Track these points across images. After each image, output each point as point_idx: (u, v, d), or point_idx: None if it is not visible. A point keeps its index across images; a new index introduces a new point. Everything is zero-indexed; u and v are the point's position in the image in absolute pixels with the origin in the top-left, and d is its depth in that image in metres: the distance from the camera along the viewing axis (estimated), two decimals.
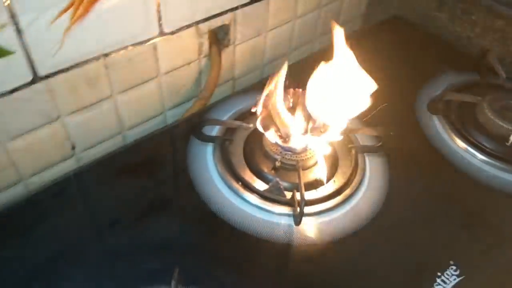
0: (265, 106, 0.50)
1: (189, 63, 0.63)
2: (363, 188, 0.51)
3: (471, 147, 0.56)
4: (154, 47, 0.56)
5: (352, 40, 0.67)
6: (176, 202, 0.50)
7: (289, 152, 0.50)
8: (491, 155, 0.55)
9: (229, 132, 0.55)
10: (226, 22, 0.63)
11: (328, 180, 0.51)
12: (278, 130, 0.49)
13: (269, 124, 0.48)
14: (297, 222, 0.44)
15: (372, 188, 0.51)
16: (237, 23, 0.65)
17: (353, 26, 0.91)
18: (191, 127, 0.55)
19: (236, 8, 0.63)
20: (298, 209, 0.45)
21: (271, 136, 0.48)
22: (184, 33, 0.59)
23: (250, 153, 0.53)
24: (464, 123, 0.59)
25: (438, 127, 0.59)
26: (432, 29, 0.80)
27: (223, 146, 0.53)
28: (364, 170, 0.53)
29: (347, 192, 0.50)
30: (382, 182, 0.52)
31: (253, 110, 0.49)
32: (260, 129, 0.48)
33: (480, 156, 0.55)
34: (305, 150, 0.50)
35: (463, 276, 0.43)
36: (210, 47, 0.64)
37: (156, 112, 0.64)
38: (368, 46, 0.77)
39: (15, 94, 0.46)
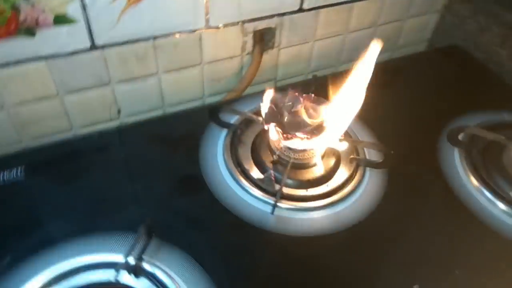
0: (274, 103, 0.54)
1: (231, 57, 0.69)
2: (352, 198, 0.53)
3: (484, 187, 0.54)
4: (200, 38, 0.64)
5: (413, 61, 0.68)
6: (179, 170, 0.56)
7: (289, 150, 0.53)
8: (505, 199, 0.52)
9: (246, 123, 0.61)
10: (272, 26, 0.69)
11: (322, 183, 0.53)
12: (281, 127, 0.53)
13: (273, 120, 0.52)
14: (272, 211, 0.48)
15: (362, 200, 0.53)
16: (283, 28, 0.70)
17: (415, 49, 0.90)
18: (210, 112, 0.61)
19: (284, 14, 0.68)
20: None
21: (272, 131, 0.52)
22: (229, 30, 0.65)
23: (257, 144, 0.58)
24: (485, 162, 0.57)
25: (456, 159, 0.58)
26: (490, 63, 0.77)
27: (235, 133, 0.58)
28: (360, 182, 0.54)
29: (334, 198, 0.52)
30: (374, 197, 0.53)
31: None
32: (264, 124, 0.52)
33: (490, 197, 0.53)
34: (304, 150, 0.53)
35: None
36: (254, 46, 0.69)
37: (196, 96, 0.72)
38: (423, 69, 0.77)
39: (74, 56, 0.57)
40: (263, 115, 0.52)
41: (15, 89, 0.56)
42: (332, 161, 0.56)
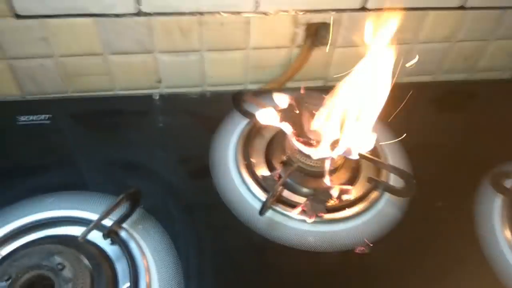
0: (298, 102, 0.50)
1: (279, 48, 0.66)
2: (354, 222, 0.48)
3: None
4: (247, 21, 0.62)
5: (490, 88, 0.60)
6: (193, 150, 0.56)
7: (299, 153, 0.50)
8: None
9: None
10: (327, 21, 0.64)
11: (327, 196, 0.49)
12: (296, 127, 0.49)
13: (290, 119, 0.49)
14: (260, 212, 0.45)
15: (369, 222, 0.48)
16: (341, 26, 0.65)
17: (498, 75, 0.78)
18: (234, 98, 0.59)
19: (343, 10, 0.63)
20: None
21: (286, 129, 0.49)
22: (280, 18, 0.62)
23: (275, 141, 0.55)
24: None
25: (495, 207, 0.49)
26: None
27: (256, 124, 0.56)
28: (371, 205, 0.49)
29: (335, 215, 0.48)
30: (382, 226, 0.48)
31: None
32: (279, 120, 0.49)
33: None
34: (312, 157, 0.49)
35: None
36: (305, 39, 0.66)
37: (237, 80, 0.70)
38: (498, 99, 0.68)
39: (120, 19, 0.58)
40: (280, 111, 0.49)
41: (63, 40, 0.59)
42: (346, 175, 0.51)
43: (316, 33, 0.65)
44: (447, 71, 0.75)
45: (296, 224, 0.47)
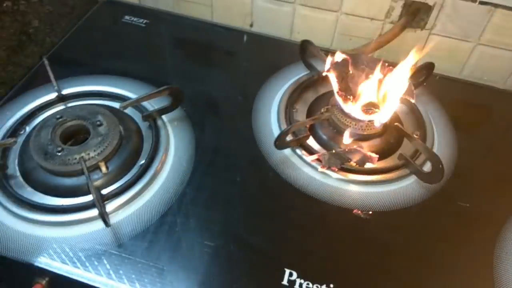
0: (355, 61, 0.51)
1: (371, 19, 0.65)
2: (369, 188, 0.47)
3: None
4: None
5: None
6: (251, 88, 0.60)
7: (339, 109, 0.50)
8: None
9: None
10: (430, 3, 0.61)
11: (355, 158, 0.49)
12: (342, 84, 0.49)
13: (339, 73, 0.49)
14: (275, 142, 0.47)
15: (380, 195, 0.46)
16: (442, 11, 0.61)
17: None
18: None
19: None
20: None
21: (332, 80, 0.49)
22: None
23: (324, 96, 0.56)
24: None
25: None
26: None
27: (312, 75, 0.57)
28: (391, 179, 0.47)
29: (349, 175, 0.47)
30: (394, 202, 0.46)
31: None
32: (327, 69, 0.50)
33: None
34: (348, 114, 0.49)
35: None
36: (401, 16, 0.64)
37: (323, 42, 0.71)
38: None
39: None
40: (336, 63, 0.50)
41: None
42: (381, 146, 0.50)
43: (414, 13, 0.63)
44: None
45: (308, 169, 0.48)
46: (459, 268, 0.41)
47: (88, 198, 0.43)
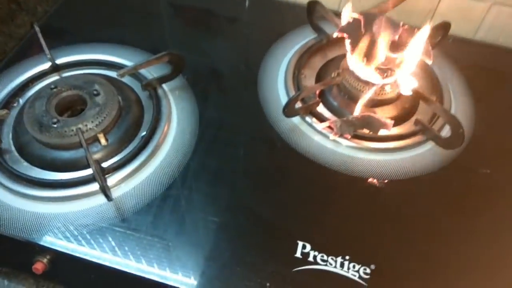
0: (367, 21, 0.47)
1: None
2: (384, 156, 0.44)
3: None
4: None
5: None
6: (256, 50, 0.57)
7: (351, 73, 0.47)
8: None
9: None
10: None
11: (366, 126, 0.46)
12: (354, 45, 0.46)
13: (352, 35, 0.46)
14: (284, 109, 0.44)
15: (395, 162, 0.44)
16: None
17: None
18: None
19: None
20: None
21: (348, 47, 0.46)
22: None
23: (334, 61, 0.52)
24: None
25: None
26: None
27: (321, 39, 0.54)
28: (408, 146, 0.45)
29: (362, 143, 0.45)
30: (410, 171, 0.44)
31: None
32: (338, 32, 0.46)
33: None
34: (360, 78, 0.46)
35: None
36: None
37: (329, 4, 0.67)
38: None
39: None
40: (347, 24, 0.46)
41: None
42: (397, 112, 0.47)
43: None
44: None
45: (319, 138, 0.46)
46: (482, 235, 0.40)
47: (88, 171, 0.40)
